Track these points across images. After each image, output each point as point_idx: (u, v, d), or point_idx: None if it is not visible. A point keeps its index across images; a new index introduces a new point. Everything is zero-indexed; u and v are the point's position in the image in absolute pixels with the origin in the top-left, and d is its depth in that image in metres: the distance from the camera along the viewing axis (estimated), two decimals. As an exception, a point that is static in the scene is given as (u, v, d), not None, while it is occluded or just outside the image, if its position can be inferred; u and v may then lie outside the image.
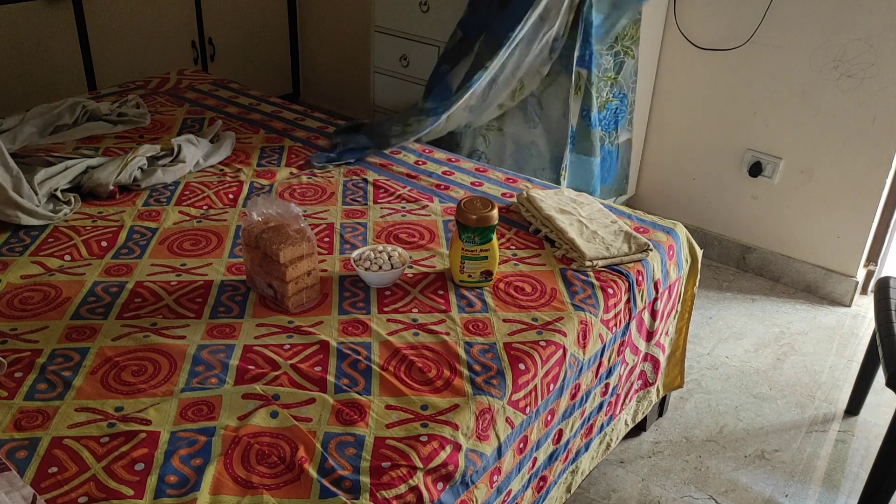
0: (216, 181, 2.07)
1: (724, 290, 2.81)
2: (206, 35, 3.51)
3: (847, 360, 2.46)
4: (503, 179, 2.15)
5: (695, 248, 1.96)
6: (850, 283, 2.72)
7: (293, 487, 1.14)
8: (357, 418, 1.26)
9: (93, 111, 2.36)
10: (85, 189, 1.95)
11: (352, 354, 1.41)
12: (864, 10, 2.43)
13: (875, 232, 2.69)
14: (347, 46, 3.84)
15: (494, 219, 1.59)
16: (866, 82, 2.50)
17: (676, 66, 2.88)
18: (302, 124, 2.49)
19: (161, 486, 1.13)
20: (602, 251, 1.74)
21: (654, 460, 2.02)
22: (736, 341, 2.52)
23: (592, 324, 1.58)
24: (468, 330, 1.50)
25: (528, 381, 1.41)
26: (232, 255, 1.73)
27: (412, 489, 1.17)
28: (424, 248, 1.78)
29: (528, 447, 1.47)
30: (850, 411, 2.23)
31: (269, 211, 1.54)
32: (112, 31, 3.14)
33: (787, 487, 1.96)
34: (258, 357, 1.40)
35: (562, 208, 1.89)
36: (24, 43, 2.87)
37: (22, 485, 1.10)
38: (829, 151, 2.64)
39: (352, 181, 2.10)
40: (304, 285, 1.54)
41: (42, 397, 1.29)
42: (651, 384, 1.97)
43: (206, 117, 2.49)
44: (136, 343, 1.42)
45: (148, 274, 1.65)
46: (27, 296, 1.56)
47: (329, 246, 1.78)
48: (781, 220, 2.82)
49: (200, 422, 1.25)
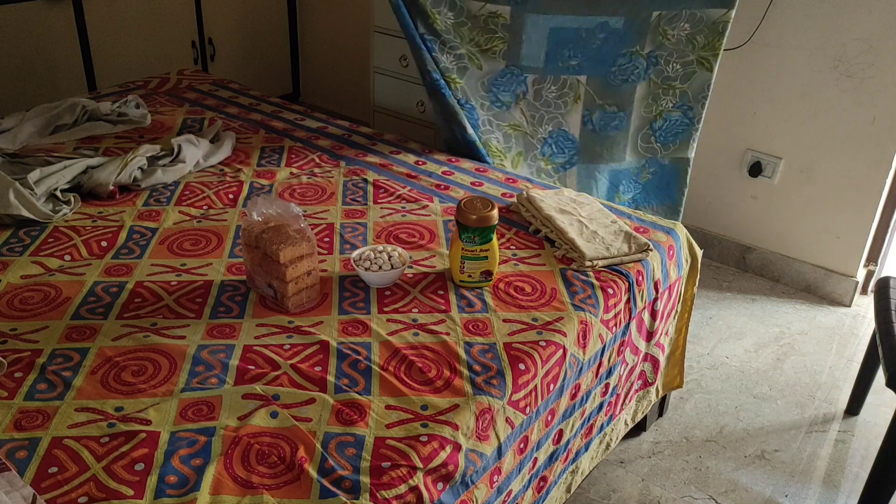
0: (216, 181, 2.07)
1: (724, 290, 2.81)
2: (206, 35, 3.51)
3: (847, 360, 2.46)
4: (503, 179, 2.15)
5: (695, 248, 1.96)
6: (850, 283, 2.72)
7: (293, 487, 1.14)
8: (357, 418, 1.26)
9: (93, 111, 2.36)
10: (85, 189, 1.95)
11: (352, 354, 1.41)
12: (863, 10, 2.43)
13: (875, 232, 2.69)
14: (347, 46, 3.84)
15: (494, 219, 1.59)
16: (866, 82, 2.50)
17: (676, 66, 2.88)
18: (302, 124, 2.49)
19: (161, 486, 1.13)
20: (602, 251, 1.74)
21: (654, 460, 2.02)
22: (736, 341, 2.52)
23: (592, 324, 1.58)
24: (468, 330, 1.50)
25: (528, 381, 1.41)
26: (232, 255, 1.73)
27: (412, 489, 1.17)
28: (424, 248, 1.78)
29: (529, 447, 1.47)
30: (850, 411, 2.23)
31: (269, 211, 1.54)
32: (112, 31, 3.14)
33: (787, 487, 1.96)
34: (258, 357, 1.40)
35: (562, 208, 1.89)
36: (24, 43, 2.87)
37: (22, 485, 1.10)
38: (829, 151, 2.64)
39: (352, 181, 2.10)
40: (304, 285, 1.54)
41: (42, 397, 1.29)
42: (651, 384, 1.97)
43: (206, 117, 2.49)
44: (136, 343, 1.42)
45: (148, 274, 1.65)
46: (27, 296, 1.56)
47: (329, 246, 1.78)
48: (781, 220, 2.82)
49: (200, 422, 1.25)
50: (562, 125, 2.44)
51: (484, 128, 2.37)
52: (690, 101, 2.42)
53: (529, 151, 2.46)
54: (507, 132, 2.42)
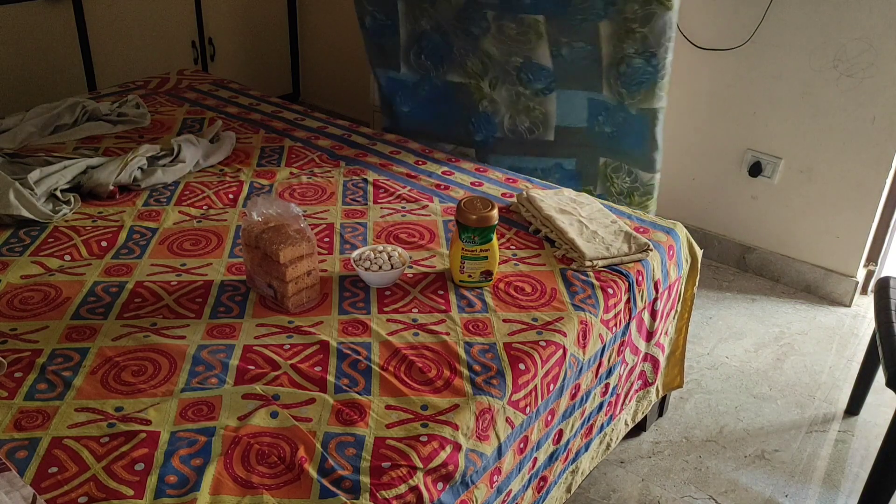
0: (216, 181, 2.07)
1: (724, 290, 2.81)
2: (206, 35, 3.51)
3: (847, 360, 2.46)
4: (503, 179, 2.15)
5: (695, 248, 1.96)
6: (850, 283, 2.72)
7: (293, 487, 1.14)
8: (357, 418, 1.26)
9: (93, 111, 2.36)
10: (85, 189, 1.95)
11: (352, 354, 1.41)
12: (863, 9, 2.43)
13: (875, 232, 2.69)
14: (347, 46, 3.84)
15: (494, 219, 1.59)
16: (866, 82, 2.50)
17: (676, 65, 2.88)
18: (302, 124, 2.49)
19: (161, 486, 1.13)
20: (602, 251, 1.74)
21: (654, 460, 2.02)
22: (736, 341, 2.52)
23: (592, 324, 1.58)
24: (468, 330, 1.50)
25: (528, 381, 1.41)
26: (232, 255, 1.73)
27: (412, 489, 1.17)
28: (424, 248, 1.78)
29: (529, 447, 1.47)
30: (850, 411, 2.23)
31: (269, 211, 1.54)
32: (112, 31, 3.14)
33: (787, 487, 1.96)
34: (258, 357, 1.40)
35: (562, 208, 1.89)
36: (24, 43, 2.87)
37: (22, 485, 1.10)
38: (829, 151, 2.64)
39: (352, 181, 2.10)
40: (304, 285, 1.54)
41: (42, 397, 1.29)
42: (651, 384, 1.97)
43: (206, 117, 2.49)
44: (136, 343, 1.42)
45: (148, 274, 1.65)
46: (27, 296, 1.56)
47: (329, 246, 1.78)
48: (781, 220, 2.82)
49: (200, 422, 1.25)
50: (532, 58, 2.46)
51: (458, 53, 2.50)
52: (652, 47, 2.30)
53: (506, 77, 2.51)
54: (483, 59, 2.50)
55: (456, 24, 2.48)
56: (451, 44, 2.54)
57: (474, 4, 2.44)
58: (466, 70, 2.54)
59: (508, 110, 2.61)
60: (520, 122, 2.61)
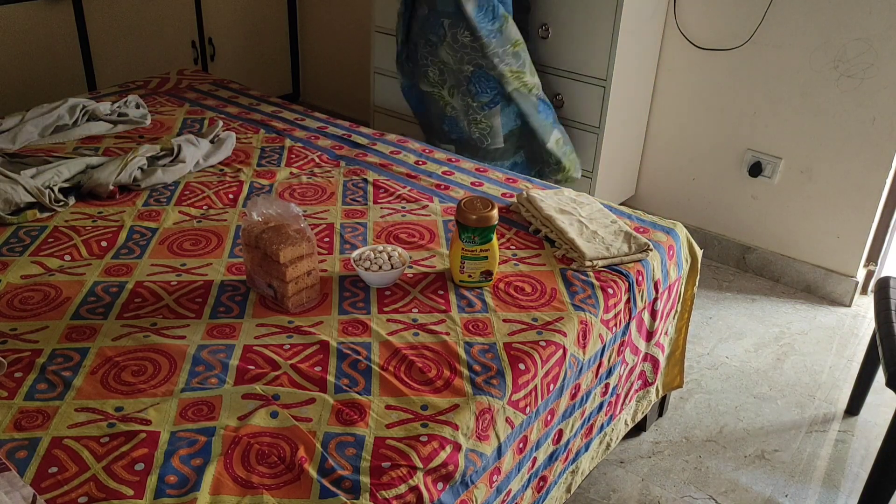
0: (216, 181, 2.07)
1: (724, 290, 2.81)
2: (206, 35, 3.51)
3: (847, 360, 2.46)
4: (503, 179, 2.15)
5: (695, 248, 1.96)
6: (850, 283, 2.72)
7: (293, 487, 1.14)
8: (357, 418, 1.26)
9: (93, 111, 2.36)
10: (85, 189, 1.95)
11: (352, 354, 1.41)
12: (863, 9, 2.43)
13: (875, 232, 2.69)
14: (347, 46, 3.84)
15: (494, 219, 1.59)
16: (866, 82, 2.50)
17: (676, 66, 2.89)
18: (302, 124, 2.49)
19: (161, 486, 1.13)
20: (602, 251, 1.74)
21: (654, 460, 2.02)
22: (736, 341, 2.52)
23: (592, 324, 1.58)
24: (468, 330, 1.50)
25: (528, 381, 1.41)
26: (232, 255, 1.73)
27: (412, 489, 1.17)
28: (424, 248, 1.78)
29: (528, 447, 1.47)
30: (850, 411, 2.23)
31: (269, 211, 1.54)
32: (112, 31, 3.14)
33: (787, 487, 1.96)
34: (258, 357, 1.40)
35: (562, 208, 1.89)
36: (24, 43, 2.87)
37: (22, 485, 1.10)
38: (829, 151, 2.64)
39: (352, 181, 2.10)
40: (304, 285, 1.54)
41: (42, 397, 1.29)
42: (651, 384, 1.97)
43: (206, 117, 2.49)
44: (136, 343, 1.42)
45: (148, 274, 1.65)
46: (27, 296, 1.56)
47: (329, 246, 1.78)
48: (781, 220, 2.82)
49: (200, 422, 1.25)
50: (482, 66, 2.57)
51: (422, 62, 2.68)
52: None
53: (459, 87, 2.64)
54: (441, 67, 2.64)
55: (419, 33, 2.65)
56: (417, 53, 2.71)
57: (434, 14, 2.58)
58: (429, 79, 2.72)
59: (465, 119, 2.73)
60: (472, 131, 2.74)
